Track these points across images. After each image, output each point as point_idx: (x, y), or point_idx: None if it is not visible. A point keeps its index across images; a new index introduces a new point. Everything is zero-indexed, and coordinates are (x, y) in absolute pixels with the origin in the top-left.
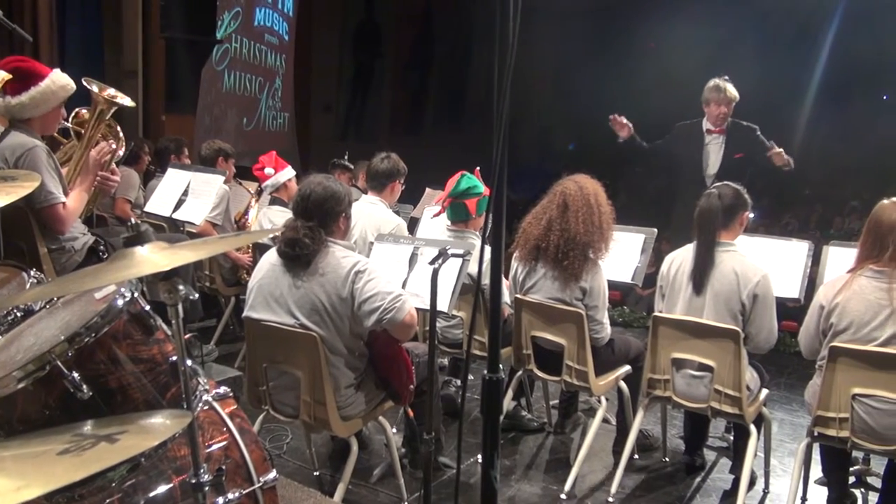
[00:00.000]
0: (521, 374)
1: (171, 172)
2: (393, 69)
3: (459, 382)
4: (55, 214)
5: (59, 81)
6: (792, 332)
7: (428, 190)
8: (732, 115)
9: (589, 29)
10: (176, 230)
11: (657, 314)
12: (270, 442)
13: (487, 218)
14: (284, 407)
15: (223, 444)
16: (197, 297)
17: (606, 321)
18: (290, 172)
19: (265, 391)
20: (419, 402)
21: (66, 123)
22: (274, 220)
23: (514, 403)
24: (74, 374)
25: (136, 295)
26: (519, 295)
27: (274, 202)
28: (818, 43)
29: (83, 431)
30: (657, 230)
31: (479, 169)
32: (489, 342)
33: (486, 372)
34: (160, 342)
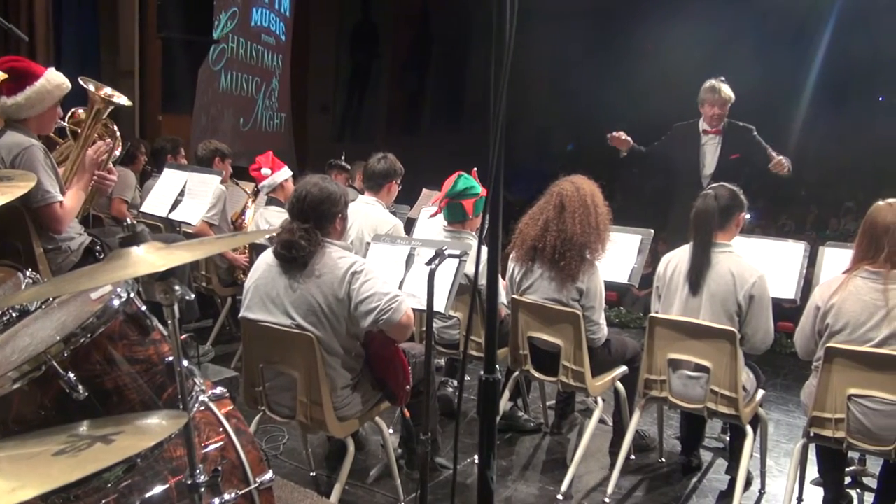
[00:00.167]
0: (517, 374)
1: (167, 172)
2: (390, 69)
3: (456, 383)
4: (52, 213)
5: (54, 81)
6: (788, 332)
7: (425, 190)
8: (729, 115)
9: (587, 30)
10: (172, 230)
11: (653, 315)
12: (267, 443)
13: (484, 218)
14: (281, 408)
15: (219, 444)
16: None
17: (603, 322)
18: (286, 173)
19: (261, 392)
20: (416, 402)
21: (62, 123)
22: (270, 220)
23: (510, 404)
24: (70, 374)
25: (132, 295)
26: (516, 295)
27: (270, 202)
28: (815, 44)
29: (79, 432)
30: (654, 231)
31: (475, 169)
32: (486, 343)
33: (482, 372)
34: (156, 343)
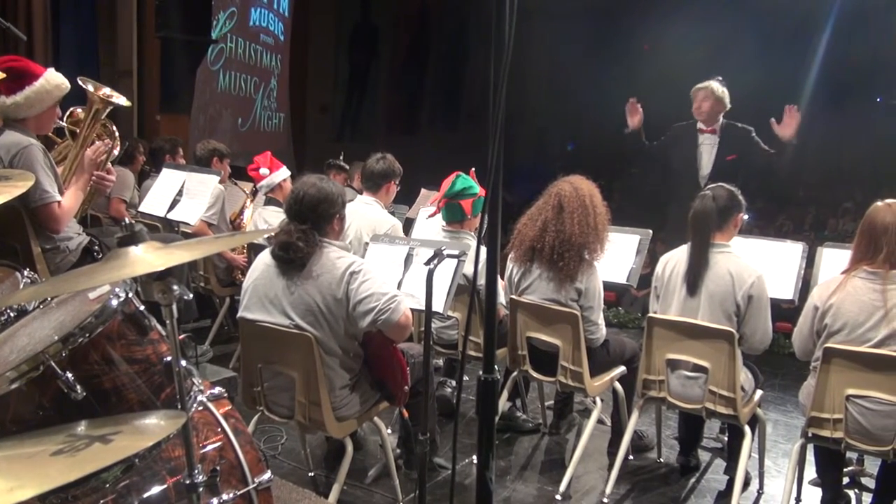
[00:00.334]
0: (516, 374)
1: (165, 172)
2: (389, 70)
3: (455, 383)
4: (51, 213)
5: (53, 80)
6: (786, 333)
7: (423, 190)
8: (729, 116)
9: (585, 30)
10: (171, 230)
11: (652, 315)
12: (265, 443)
13: (483, 219)
14: (279, 408)
15: (218, 444)
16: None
17: (601, 322)
18: (285, 173)
19: (260, 392)
20: (414, 402)
21: (61, 123)
22: (269, 220)
23: (509, 404)
24: (68, 374)
25: (130, 295)
26: (514, 296)
27: (269, 202)
28: (814, 45)
29: (77, 432)
30: (652, 231)
31: (474, 170)
32: (484, 343)
33: (481, 372)
34: (154, 342)
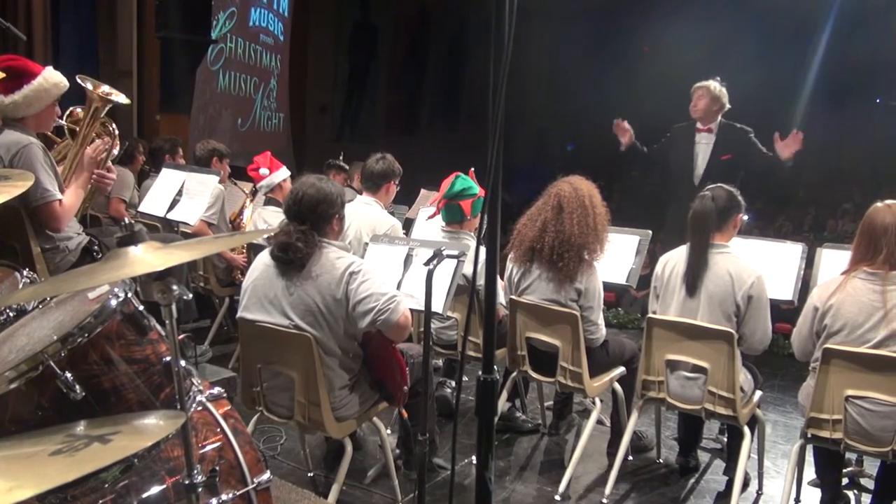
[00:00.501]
0: (515, 375)
1: (165, 172)
2: (388, 70)
3: (454, 383)
4: (51, 212)
5: (51, 79)
6: (785, 333)
7: (423, 191)
8: (729, 116)
9: (585, 30)
10: (170, 230)
11: (651, 315)
12: (264, 443)
13: (482, 219)
14: (278, 408)
15: (217, 444)
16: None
17: (601, 322)
18: (284, 173)
19: (259, 392)
20: (413, 403)
21: (61, 122)
22: (269, 220)
23: (508, 405)
24: (67, 374)
25: (129, 295)
26: (514, 296)
27: (269, 202)
28: (813, 46)
29: (76, 432)
30: (651, 232)
31: (473, 170)
32: (484, 343)
33: (480, 373)
34: (154, 342)
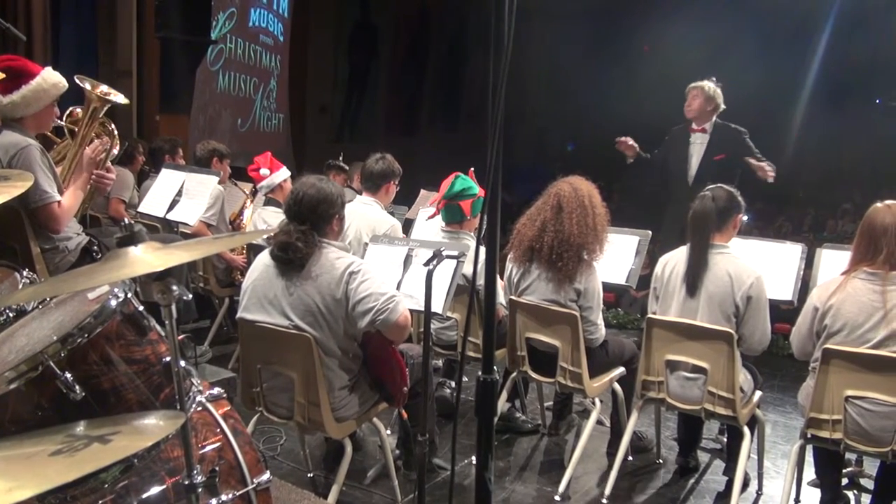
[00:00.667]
0: (515, 375)
1: (165, 173)
2: (388, 70)
3: (454, 384)
4: (50, 213)
5: (50, 79)
6: (785, 334)
7: (423, 191)
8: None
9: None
10: (170, 231)
11: (651, 316)
12: (264, 443)
13: (482, 219)
14: (278, 408)
15: (217, 445)
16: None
17: (601, 322)
18: (285, 173)
19: (259, 392)
20: (413, 403)
21: (60, 122)
22: (269, 220)
23: (508, 405)
24: (67, 374)
25: (129, 295)
26: (513, 296)
27: (269, 203)
28: (813, 47)
29: (76, 432)
30: (651, 232)
31: (473, 170)
32: (483, 342)
33: (480, 373)
34: (154, 343)
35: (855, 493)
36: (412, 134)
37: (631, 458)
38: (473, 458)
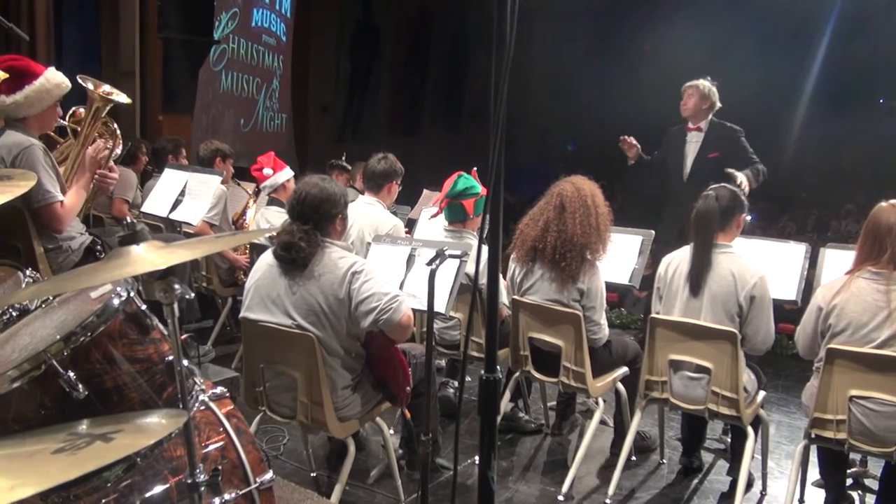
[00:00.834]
0: (518, 375)
1: (168, 173)
2: (390, 70)
3: (457, 384)
4: (53, 213)
5: (53, 80)
6: (789, 334)
7: (425, 191)
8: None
9: (587, 30)
10: (173, 230)
11: (654, 316)
12: (267, 443)
13: (484, 219)
14: (281, 408)
15: (220, 444)
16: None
17: (604, 322)
18: (288, 173)
19: (262, 392)
20: (416, 403)
21: (63, 122)
22: (272, 220)
23: (511, 405)
24: (70, 373)
25: (132, 294)
26: (516, 296)
27: (272, 203)
28: (815, 46)
29: (78, 431)
30: (654, 232)
31: (476, 169)
32: (486, 342)
33: (483, 372)
34: (156, 342)
35: (859, 493)
36: (414, 134)
37: (634, 458)
38: (477, 457)
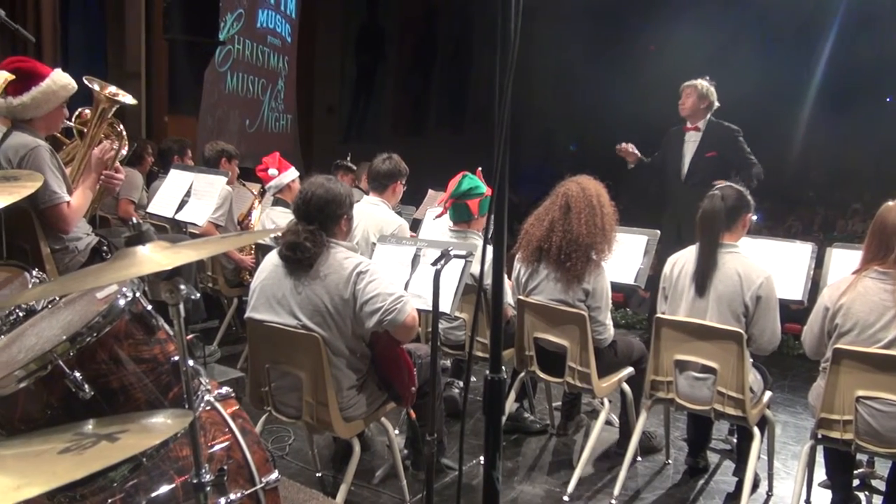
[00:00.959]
0: (523, 375)
1: (173, 173)
2: (395, 71)
3: (462, 384)
4: (59, 214)
5: (59, 81)
6: (795, 334)
7: (430, 191)
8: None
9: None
10: (179, 231)
11: (659, 316)
12: (273, 443)
13: (489, 219)
14: (287, 408)
15: (225, 444)
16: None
17: (609, 322)
18: (293, 173)
19: (267, 392)
20: (421, 403)
21: (69, 123)
22: (277, 220)
23: (516, 405)
24: (76, 373)
25: (137, 295)
26: (521, 296)
27: (277, 203)
28: (821, 44)
29: (84, 431)
30: (660, 232)
31: (480, 169)
32: (491, 341)
33: (488, 372)
34: (162, 342)
35: (866, 494)
36: (419, 134)
37: (640, 458)
38: (482, 457)
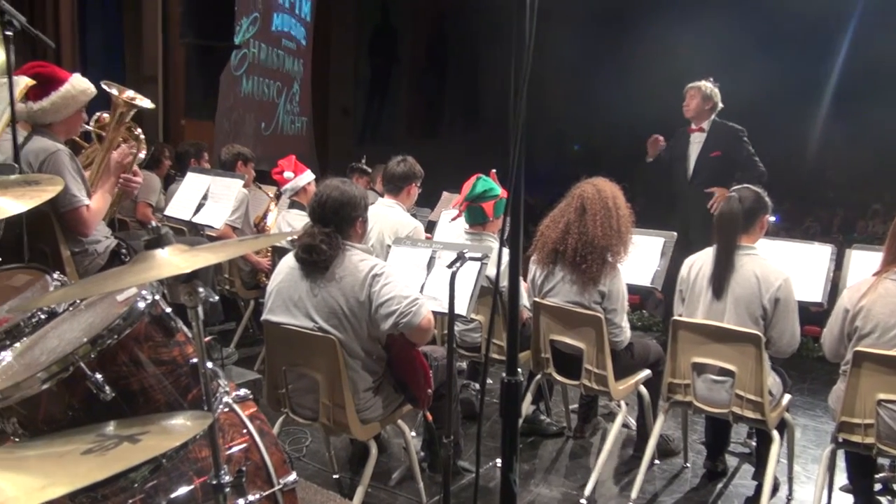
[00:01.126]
0: (539, 378)
1: (190, 176)
2: (409, 73)
3: (478, 386)
4: (79, 217)
5: (79, 86)
6: (815, 336)
7: (445, 194)
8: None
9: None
10: (196, 234)
11: (677, 318)
12: (290, 444)
13: (505, 221)
14: (304, 410)
15: (243, 445)
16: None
17: (625, 325)
18: (309, 176)
19: (284, 394)
20: (438, 405)
21: (87, 127)
22: (293, 223)
23: (533, 408)
24: (97, 375)
25: (157, 297)
26: (537, 298)
27: (293, 206)
28: (837, 44)
29: (106, 432)
30: (676, 234)
31: (494, 171)
32: (507, 344)
33: (504, 374)
34: (181, 344)
35: (889, 499)
36: (434, 136)
37: (657, 461)
38: (498, 460)
